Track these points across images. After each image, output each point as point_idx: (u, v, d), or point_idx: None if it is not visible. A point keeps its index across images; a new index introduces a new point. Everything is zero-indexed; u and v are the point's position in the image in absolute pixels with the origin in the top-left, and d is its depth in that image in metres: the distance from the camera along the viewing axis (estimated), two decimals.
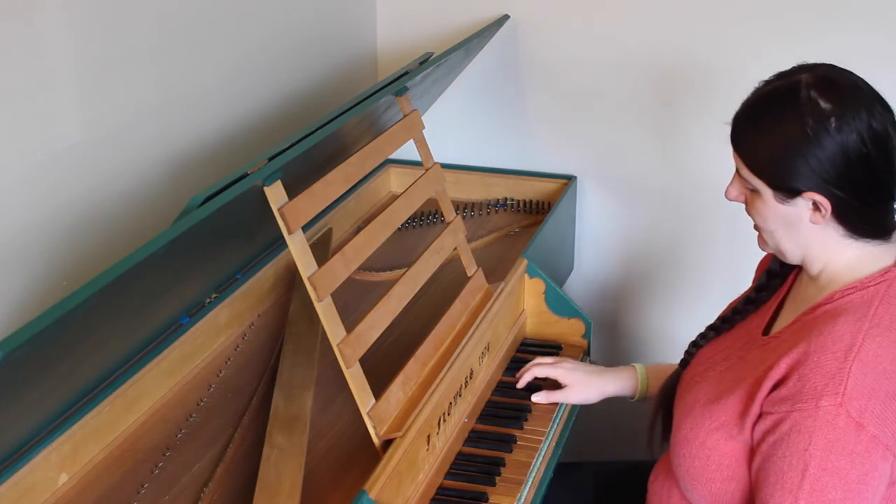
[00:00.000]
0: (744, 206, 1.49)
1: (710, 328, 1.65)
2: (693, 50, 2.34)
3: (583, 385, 1.83)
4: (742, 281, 2.50)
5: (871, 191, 1.39)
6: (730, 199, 1.50)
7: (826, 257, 1.45)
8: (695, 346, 1.66)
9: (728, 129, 1.47)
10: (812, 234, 1.43)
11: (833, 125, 1.35)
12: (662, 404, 1.67)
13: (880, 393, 1.33)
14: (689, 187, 2.45)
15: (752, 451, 1.41)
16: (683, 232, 2.51)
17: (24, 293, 1.61)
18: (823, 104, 1.36)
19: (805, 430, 1.33)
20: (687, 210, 2.48)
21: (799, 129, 1.36)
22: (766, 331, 1.54)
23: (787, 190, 1.40)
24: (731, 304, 1.67)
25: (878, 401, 1.33)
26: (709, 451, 1.45)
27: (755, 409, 1.41)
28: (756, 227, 1.49)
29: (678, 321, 2.58)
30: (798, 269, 1.56)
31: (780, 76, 1.45)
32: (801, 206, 1.40)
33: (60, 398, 1.45)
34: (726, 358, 1.55)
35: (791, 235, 1.44)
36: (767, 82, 1.45)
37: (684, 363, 1.66)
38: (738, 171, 1.47)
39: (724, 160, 2.34)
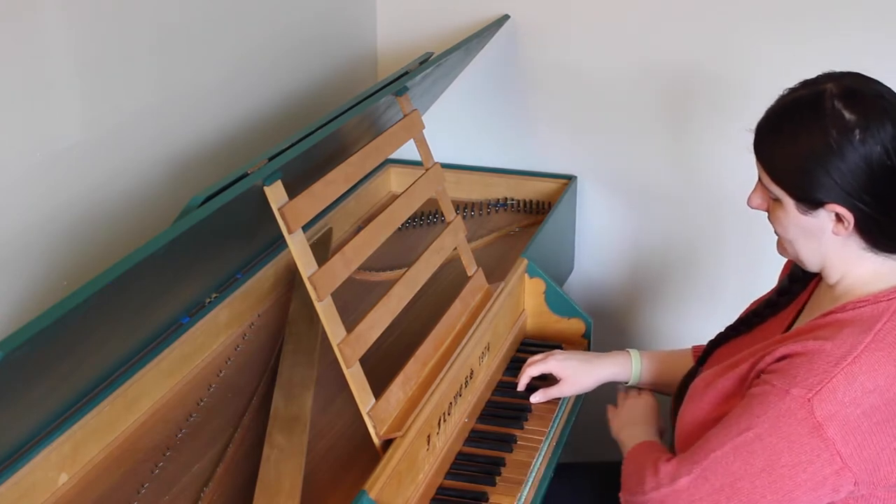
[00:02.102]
0: (764, 212, 1.49)
1: (730, 328, 1.66)
2: (693, 50, 2.34)
3: (577, 374, 1.84)
4: (743, 279, 2.51)
5: (895, 204, 1.38)
6: (752, 208, 1.50)
7: (844, 269, 1.45)
8: (713, 345, 1.67)
9: (747, 137, 1.46)
10: (833, 245, 1.43)
11: (857, 137, 1.34)
12: (679, 404, 1.67)
13: (863, 404, 1.34)
14: (690, 187, 2.45)
15: None
16: (684, 231, 2.51)
17: (24, 293, 1.61)
18: (848, 115, 1.35)
19: (766, 403, 1.38)
20: (687, 209, 2.48)
21: (822, 141, 1.36)
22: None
23: (810, 201, 1.39)
24: (751, 306, 1.68)
25: (854, 411, 1.34)
26: (711, 425, 1.48)
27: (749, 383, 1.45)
28: (777, 234, 1.50)
29: (678, 320, 2.58)
30: (820, 276, 1.56)
31: (805, 84, 1.44)
32: (824, 217, 1.40)
33: (60, 398, 1.45)
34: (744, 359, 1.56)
35: (811, 246, 1.44)
36: (792, 90, 1.44)
37: (702, 360, 1.67)
38: (760, 179, 1.46)
39: (725, 159, 2.36)
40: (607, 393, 1.91)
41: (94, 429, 1.53)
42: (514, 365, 1.97)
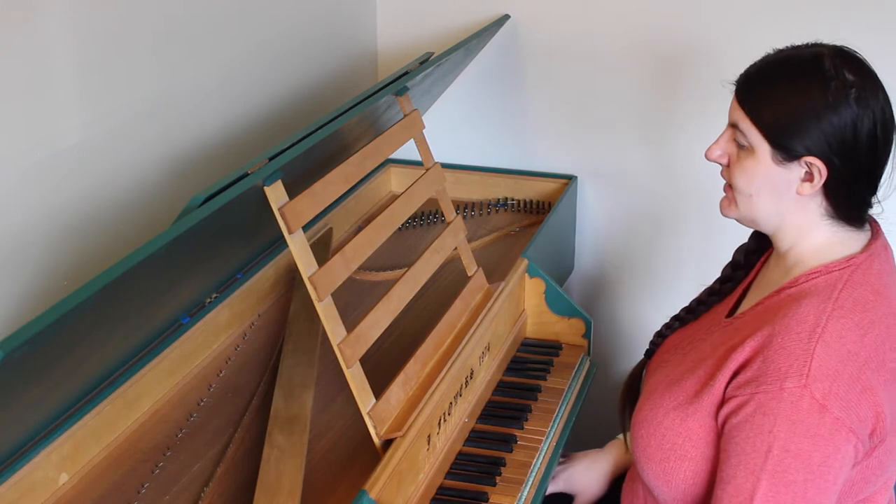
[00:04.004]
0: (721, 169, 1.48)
1: (675, 318, 1.67)
2: (695, 51, 2.34)
3: (589, 485, 1.80)
4: None
5: (865, 172, 1.40)
6: (710, 159, 1.48)
7: (798, 234, 1.44)
8: (660, 336, 1.67)
9: (724, 93, 1.46)
10: (793, 204, 1.42)
11: (853, 95, 1.36)
12: (629, 396, 1.67)
13: (844, 374, 1.33)
14: (690, 187, 2.45)
15: (716, 435, 1.41)
16: (684, 231, 2.51)
17: (24, 293, 1.61)
18: (847, 75, 1.37)
19: (769, 412, 1.33)
20: (688, 210, 2.48)
21: (821, 93, 1.37)
22: (730, 314, 1.55)
23: (789, 150, 1.39)
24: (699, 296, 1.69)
25: (843, 382, 1.32)
26: (664, 431, 1.46)
27: (717, 390, 1.40)
28: (729, 190, 1.48)
29: None
30: (765, 257, 1.55)
31: (795, 47, 1.45)
32: (795, 172, 1.40)
33: (60, 398, 1.45)
34: (690, 342, 1.56)
35: (772, 202, 1.43)
36: (780, 51, 1.45)
37: (649, 353, 1.67)
38: (733, 126, 1.45)
39: None
40: (607, 394, 1.91)
41: (94, 429, 1.53)
42: (514, 365, 1.97)
